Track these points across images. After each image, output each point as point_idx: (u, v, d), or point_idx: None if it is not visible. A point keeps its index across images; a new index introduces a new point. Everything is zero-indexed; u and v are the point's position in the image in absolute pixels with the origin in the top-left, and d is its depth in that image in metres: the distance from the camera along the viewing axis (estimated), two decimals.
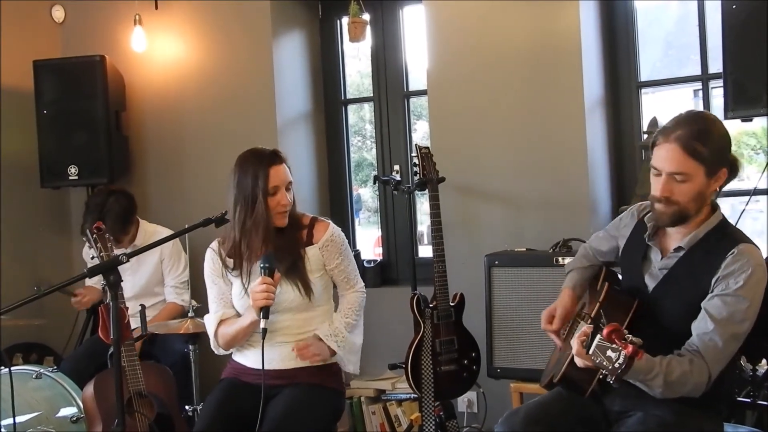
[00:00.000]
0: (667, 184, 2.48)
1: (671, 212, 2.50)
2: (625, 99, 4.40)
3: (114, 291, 2.51)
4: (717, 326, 2.39)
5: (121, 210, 4.45)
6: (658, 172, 2.50)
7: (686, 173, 2.45)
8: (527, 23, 4.24)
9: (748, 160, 4.64)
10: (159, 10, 5.14)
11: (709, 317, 2.41)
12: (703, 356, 2.38)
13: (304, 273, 3.18)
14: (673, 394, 2.36)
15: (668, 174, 2.47)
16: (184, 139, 5.17)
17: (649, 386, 2.33)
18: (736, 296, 2.40)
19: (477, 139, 4.40)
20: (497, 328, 3.87)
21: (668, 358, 2.35)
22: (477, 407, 4.42)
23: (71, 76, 5.03)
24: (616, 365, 2.12)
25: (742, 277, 2.40)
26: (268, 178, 3.12)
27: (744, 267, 2.41)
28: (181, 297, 4.55)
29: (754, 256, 2.45)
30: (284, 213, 3.16)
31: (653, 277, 2.63)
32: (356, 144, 5.86)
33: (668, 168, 2.47)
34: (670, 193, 2.48)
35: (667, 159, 2.47)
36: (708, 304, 2.43)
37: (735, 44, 3.43)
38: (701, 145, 2.43)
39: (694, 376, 2.35)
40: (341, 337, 3.21)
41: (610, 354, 2.14)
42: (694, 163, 2.44)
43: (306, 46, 5.15)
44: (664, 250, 2.63)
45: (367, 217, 6.28)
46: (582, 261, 3.00)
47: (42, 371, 3.95)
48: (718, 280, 2.44)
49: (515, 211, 4.31)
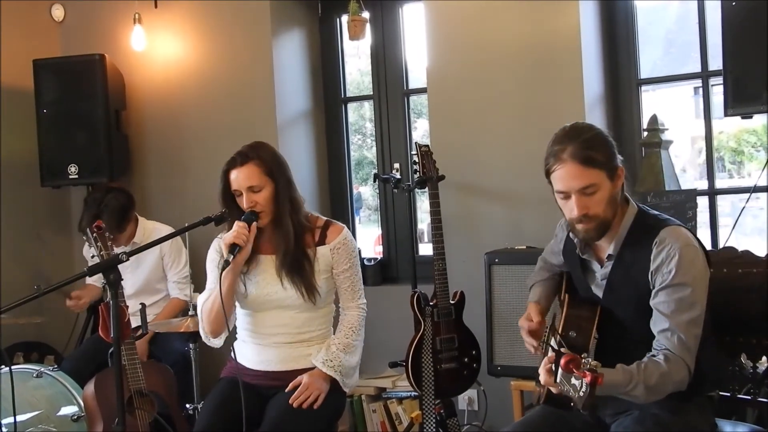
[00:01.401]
0: (580, 201, 2.45)
1: (594, 226, 2.48)
2: (625, 97, 4.40)
3: (114, 290, 2.51)
4: (671, 320, 2.38)
5: (119, 207, 4.45)
6: (566, 194, 2.47)
7: (593, 183, 2.43)
8: (527, 21, 4.24)
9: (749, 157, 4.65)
10: (158, 8, 5.14)
11: (660, 314, 2.40)
12: (673, 352, 2.36)
13: (310, 276, 3.17)
14: (657, 396, 2.34)
15: (577, 192, 2.44)
16: (184, 137, 5.18)
17: (631, 396, 2.30)
18: (675, 285, 2.38)
19: (477, 137, 4.40)
20: (497, 326, 3.87)
21: (644, 363, 2.33)
22: (477, 405, 4.42)
23: (71, 75, 5.02)
24: (580, 393, 2.06)
25: (672, 264, 2.39)
26: (228, 182, 3.15)
27: (671, 252, 2.40)
28: (184, 292, 4.55)
29: (678, 238, 2.43)
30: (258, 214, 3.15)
31: (599, 287, 2.62)
32: (356, 142, 5.86)
33: (575, 185, 2.44)
34: (587, 209, 2.45)
35: (569, 178, 2.44)
36: (655, 301, 2.43)
37: (735, 42, 3.43)
38: (594, 152, 2.43)
39: (672, 374, 2.33)
40: (338, 362, 3.20)
41: (574, 382, 2.08)
42: (595, 171, 2.43)
43: (306, 45, 5.15)
44: (600, 259, 2.62)
45: (367, 216, 6.28)
46: (542, 273, 2.99)
47: (43, 370, 3.96)
48: (653, 274, 2.43)
49: (515, 208, 4.31)
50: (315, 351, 3.22)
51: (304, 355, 3.22)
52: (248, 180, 3.12)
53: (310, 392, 3.11)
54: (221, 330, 3.19)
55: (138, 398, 3.55)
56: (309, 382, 3.13)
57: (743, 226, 3.66)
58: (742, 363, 3.09)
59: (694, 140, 4.92)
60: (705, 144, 4.21)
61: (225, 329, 3.17)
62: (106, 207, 4.39)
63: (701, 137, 4.23)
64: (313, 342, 3.26)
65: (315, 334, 3.27)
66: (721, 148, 4.66)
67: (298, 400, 3.08)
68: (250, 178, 3.12)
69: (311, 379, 3.14)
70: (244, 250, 3.05)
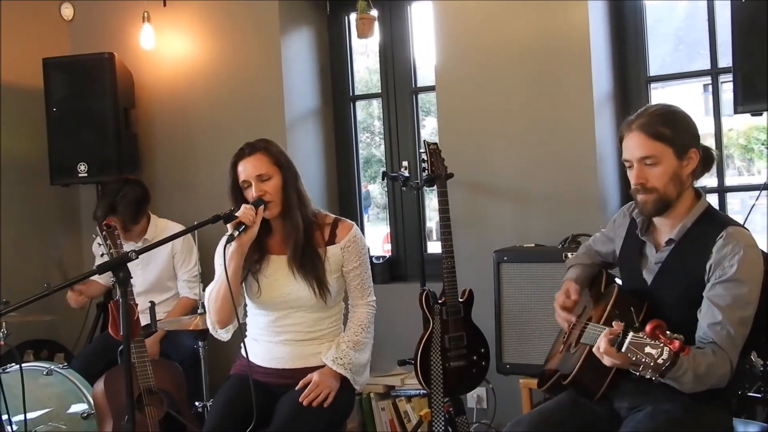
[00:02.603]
0: (640, 171, 2.51)
1: (652, 199, 2.51)
2: (634, 94, 4.38)
3: (123, 287, 2.52)
4: (724, 314, 2.38)
5: (135, 198, 4.47)
6: (629, 163, 2.55)
7: (654, 155, 2.48)
8: (535, 19, 4.23)
9: (758, 154, 4.63)
10: (167, 7, 5.15)
11: (714, 306, 2.40)
12: (720, 346, 2.37)
13: (322, 274, 3.18)
14: (701, 387, 2.35)
15: (638, 161, 2.51)
16: (193, 135, 5.18)
17: (680, 382, 2.32)
18: (735, 281, 2.39)
19: (485, 135, 4.39)
20: (506, 324, 3.87)
21: (693, 351, 2.34)
22: (486, 403, 4.42)
23: (80, 73, 5.04)
24: (659, 361, 2.08)
25: (735, 259, 2.40)
26: (237, 174, 3.16)
27: (735, 249, 2.41)
28: (194, 291, 4.56)
29: (743, 237, 2.45)
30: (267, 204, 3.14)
31: (650, 272, 2.63)
32: (365, 140, 5.86)
33: (636, 154, 2.50)
34: (646, 180, 2.50)
35: (632, 147, 2.52)
36: (710, 293, 2.43)
37: (744, 39, 3.42)
38: (663, 127, 2.48)
39: (719, 367, 2.35)
40: (348, 359, 3.19)
41: (650, 350, 2.10)
42: (660, 145, 2.48)
43: (314, 43, 5.15)
44: (657, 244, 2.64)
45: (375, 214, 6.28)
46: (584, 258, 3.01)
47: (53, 368, 3.97)
48: (712, 267, 2.44)
49: (524, 206, 4.31)
50: (325, 349, 3.22)
51: (315, 353, 3.22)
52: (256, 169, 3.12)
53: (320, 390, 3.11)
54: (228, 319, 3.17)
55: (147, 396, 3.57)
56: (319, 380, 3.13)
57: (753, 224, 3.64)
58: (752, 361, 3.08)
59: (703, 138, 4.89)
60: (714, 141, 4.19)
61: (232, 318, 3.15)
62: (123, 197, 4.41)
63: (711, 135, 4.22)
64: (323, 340, 3.26)
65: (326, 332, 3.27)
66: (730, 145, 4.63)
67: (308, 398, 3.09)
68: (258, 167, 3.13)
69: (321, 377, 3.14)
70: (250, 230, 3.03)
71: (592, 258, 2.99)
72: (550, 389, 2.79)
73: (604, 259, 2.96)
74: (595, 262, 2.98)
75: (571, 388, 2.68)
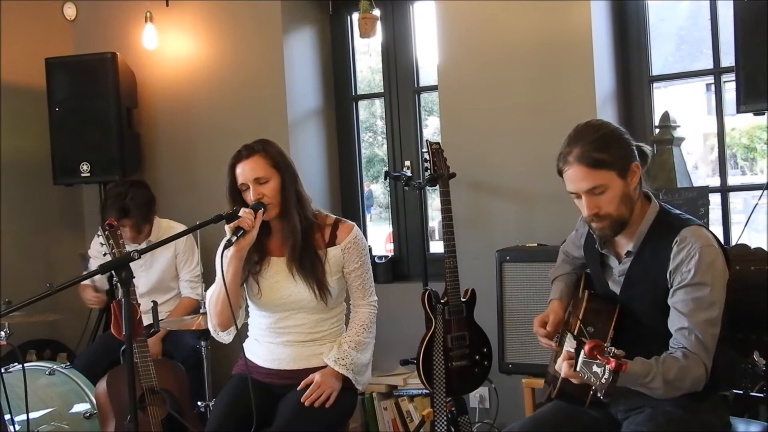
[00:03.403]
0: (590, 201, 2.47)
1: (609, 224, 2.49)
2: (637, 94, 4.38)
3: (126, 287, 2.52)
4: (688, 319, 2.37)
5: (145, 199, 4.51)
6: (576, 194, 2.51)
7: (600, 185, 2.44)
8: (538, 18, 4.23)
9: (761, 154, 4.62)
10: (170, 7, 5.15)
11: (679, 313, 2.40)
12: (690, 350, 2.36)
13: (322, 275, 3.16)
14: (674, 392, 2.33)
15: (586, 192, 2.47)
16: (196, 135, 5.19)
17: (649, 389, 2.31)
18: (694, 285, 2.38)
19: (488, 135, 4.39)
20: (509, 324, 3.87)
21: (663, 357, 2.34)
22: (489, 403, 4.42)
23: (83, 73, 5.04)
24: (602, 380, 2.08)
25: (692, 263, 2.39)
26: (235, 177, 3.14)
27: (690, 252, 2.40)
28: (196, 291, 4.56)
29: (698, 237, 2.43)
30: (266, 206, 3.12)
31: (616, 283, 2.63)
32: (367, 140, 5.86)
33: (582, 187, 2.46)
34: (598, 209, 2.47)
35: (576, 180, 2.47)
36: (673, 300, 2.43)
37: (747, 38, 3.41)
38: (600, 153, 2.43)
39: (691, 370, 2.33)
40: (350, 360, 3.19)
41: (596, 369, 2.10)
42: (602, 172, 2.44)
43: (316, 43, 5.15)
44: (618, 255, 2.63)
45: (378, 213, 6.29)
46: (564, 267, 3.00)
47: (55, 367, 3.98)
48: (671, 273, 2.43)
49: (526, 206, 4.30)
50: (327, 349, 3.22)
51: (317, 354, 3.22)
52: (254, 171, 3.11)
53: (322, 391, 3.11)
54: (228, 323, 3.16)
55: (150, 395, 3.57)
56: (321, 380, 3.13)
57: (755, 223, 3.64)
58: (754, 360, 3.07)
59: (706, 137, 4.91)
60: (717, 141, 4.19)
61: (232, 322, 3.13)
62: (133, 200, 4.42)
63: (713, 134, 4.22)
64: (325, 341, 3.25)
65: (327, 333, 3.26)
66: (733, 144, 4.64)
67: (310, 398, 3.08)
68: (256, 170, 3.11)
69: (323, 378, 3.14)
70: (249, 234, 3.01)
71: (572, 263, 2.98)
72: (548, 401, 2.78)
73: (582, 261, 2.93)
74: (575, 266, 2.97)
75: (560, 399, 2.67)
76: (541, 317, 2.82)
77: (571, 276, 2.97)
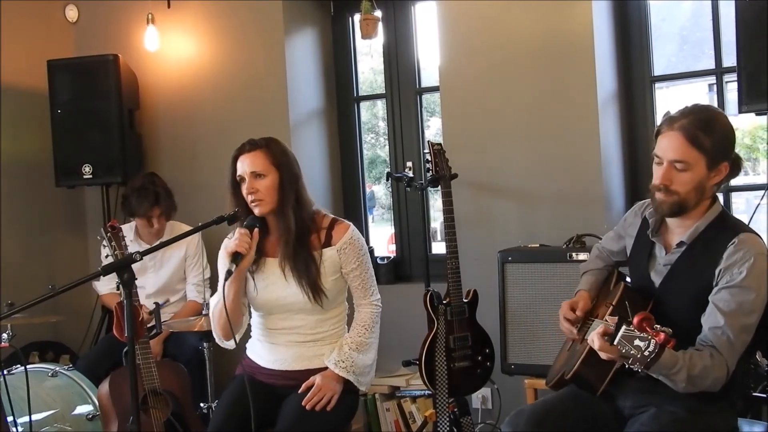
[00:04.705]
0: (668, 172, 2.48)
1: (671, 201, 2.50)
2: (639, 94, 4.38)
3: (128, 289, 2.52)
4: (726, 319, 2.38)
5: (167, 187, 4.66)
6: (659, 160, 2.52)
7: (687, 161, 2.45)
8: (540, 19, 4.23)
9: (764, 154, 4.61)
10: (171, 8, 5.15)
11: (718, 311, 2.40)
12: (718, 350, 2.37)
13: (316, 278, 3.14)
14: (694, 388, 2.35)
15: (669, 162, 2.48)
16: (197, 136, 5.19)
17: (673, 380, 2.32)
18: (742, 287, 2.39)
19: (490, 136, 4.39)
20: (511, 325, 3.87)
21: (689, 352, 2.35)
22: (491, 404, 4.42)
23: (85, 75, 5.05)
24: (646, 353, 2.10)
25: (744, 266, 2.39)
26: (234, 169, 3.15)
27: (746, 256, 2.40)
28: (201, 295, 4.57)
29: (755, 245, 2.44)
30: (257, 202, 3.10)
31: (658, 274, 2.62)
32: (369, 141, 5.86)
33: (669, 156, 2.48)
34: (670, 182, 2.48)
35: (669, 147, 2.48)
36: (715, 297, 2.43)
37: (749, 38, 3.41)
38: (704, 135, 2.44)
39: (714, 370, 2.34)
40: (350, 362, 3.17)
41: (639, 343, 2.12)
42: (695, 153, 2.45)
43: (318, 44, 5.15)
44: (667, 246, 2.63)
45: (380, 214, 6.29)
46: (597, 262, 3.00)
47: (58, 369, 3.98)
48: (721, 272, 2.43)
49: (528, 206, 4.30)
50: (328, 351, 3.22)
51: (318, 355, 3.21)
52: (253, 165, 3.10)
53: (323, 394, 3.10)
54: (231, 336, 3.18)
55: (152, 397, 3.56)
56: (322, 383, 3.12)
57: (758, 223, 3.63)
58: (757, 361, 3.08)
59: None
60: None
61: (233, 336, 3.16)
62: (160, 187, 4.56)
63: None
64: (326, 341, 3.24)
65: (328, 333, 3.25)
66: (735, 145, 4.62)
67: (311, 402, 3.08)
68: (255, 164, 3.11)
69: (324, 381, 3.12)
70: (247, 257, 3.03)
71: (606, 260, 2.98)
72: (556, 385, 2.79)
73: (617, 257, 2.94)
74: (608, 263, 2.97)
75: (573, 383, 2.67)
76: (571, 302, 2.82)
77: (602, 272, 2.97)
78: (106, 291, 4.73)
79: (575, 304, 2.82)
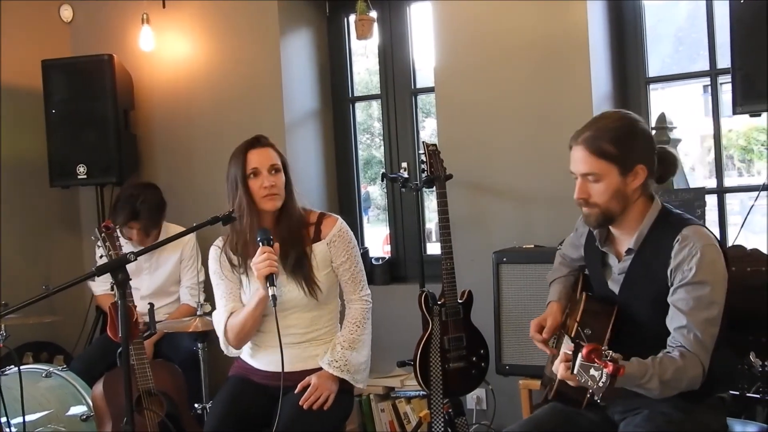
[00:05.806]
0: (583, 185, 2.50)
1: (595, 214, 2.51)
2: (634, 95, 4.38)
3: (122, 289, 2.52)
4: (688, 318, 2.37)
5: (156, 203, 4.57)
6: (574, 175, 2.53)
7: (596, 173, 2.46)
8: (535, 20, 4.23)
9: (758, 155, 4.63)
10: (166, 9, 5.15)
11: (678, 311, 2.40)
12: (688, 349, 2.36)
13: (309, 271, 3.16)
14: (671, 391, 2.33)
15: (581, 176, 2.49)
16: (193, 137, 5.19)
17: (647, 389, 2.31)
18: (695, 283, 2.38)
19: (485, 136, 4.39)
20: (506, 325, 3.87)
21: (659, 357, 2.34)
22: (486, 404, 4.42)
23: (80, 75, 5.03)
24: (600, 384, 2.09)
25: (693, 262, 2.38)
26: (246, 162, 3.14)
27: (692, 251, 2.39)
28: (195, 299, 4.56)
29: (699, 237, 2.42)
30: (272, 196, 3.13)
31: (615, 282, 2.62)
32: (364, 141, 5.86)
33: (579, 169, 2.49)
34: (588, 195, 2.49)
35: (577, 161, 2.50)
36: (673, 298, 2.42)
37: (744, 40, 3.41)
38: (608, 144, 2.44)
39: (688, 370, 2.33)
40: (344, 361, 3.19)
41: (593, 373, 2.11)
42: (602, 163, 2.45)
43: (313, 44, 5.15)
44: (618, 254, 2.62)
45: (375, 215, 6.29)
46: (562, 269, 3.00)
47: (52, 370, 3.97)
48: (672, 272, 2.43)
49: (523, 207, 4.30)
50: (322, 351, 3.22)
51: (313, 356, 3.23)
52: (271, 159, 3.16)
53: (319, 393, 3.11)
54: (243, 344, 3.26)
55: (147, 398, 3.56)
56: (318, 383, 3.13)
57: (752, 225, 3.64)
58: (751, 361, 3.08)
59: (703, 138, 4.91)
60: (714, 142, 4.19)
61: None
62: (144, 203, 4.46)
63: (710, 135, 4.22)
64: (320, 341, 3.25)
65: (322, 332, 3.26)
66: (730, 146, 4.64)
67: (308, 401, 3.08)
68: (272, 158, 3.17)
69: (320, 380, 3.14)
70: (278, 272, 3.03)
71: (569, 266, 2.98)
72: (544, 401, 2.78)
73: (580, 263, 2.93)
74: (573, 268, 2.97)
75: (557, 400, 2.67)
76: (538, 321, 2.82)
77: (569, 278, 2.97)
78: (101, 291, 4.73)
79: (544, 321, 2.81)
